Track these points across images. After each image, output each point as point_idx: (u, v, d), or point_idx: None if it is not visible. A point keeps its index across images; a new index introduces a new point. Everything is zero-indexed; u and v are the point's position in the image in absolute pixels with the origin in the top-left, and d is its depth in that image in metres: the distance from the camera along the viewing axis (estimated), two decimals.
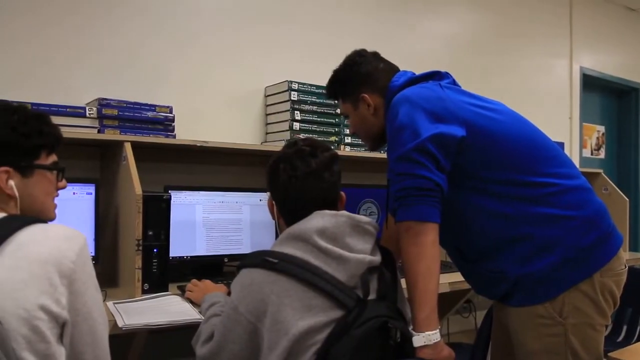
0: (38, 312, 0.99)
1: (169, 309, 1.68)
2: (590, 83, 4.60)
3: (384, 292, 1.29)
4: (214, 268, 2.23)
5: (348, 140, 2.63)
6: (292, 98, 2.49)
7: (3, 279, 0.97)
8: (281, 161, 1.36)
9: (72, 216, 1.82)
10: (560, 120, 4.34)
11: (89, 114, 2.01)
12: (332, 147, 1.43)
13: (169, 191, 2.03)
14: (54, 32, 2.19)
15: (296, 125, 2.49)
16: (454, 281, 2.11)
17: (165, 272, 1.89)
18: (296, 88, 2.51)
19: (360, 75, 1.62)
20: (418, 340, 1.28)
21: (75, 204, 1.92)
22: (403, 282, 1.40)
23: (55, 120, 1.86)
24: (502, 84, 3.78)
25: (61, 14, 2.21)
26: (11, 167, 1.12)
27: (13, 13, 2.11)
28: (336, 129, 2.61)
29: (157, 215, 1.87)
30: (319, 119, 2.56)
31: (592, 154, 4.79)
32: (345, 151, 2.59)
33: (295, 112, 2.50)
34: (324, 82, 1.74)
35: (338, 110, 2.57)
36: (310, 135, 2.50)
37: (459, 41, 3.61)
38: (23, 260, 1.00)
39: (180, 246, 2.11)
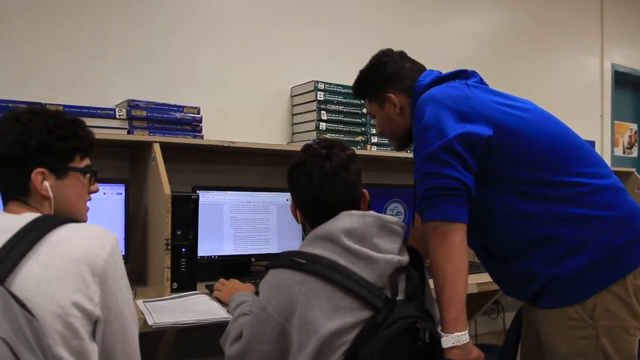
0: (72, 309, 1.01)
1: (197, 307, 1.70)
2: (622, 80, 4.50)
3: (412, 292, 1.28)
4: (241, 267, 2.25)
5: (375, 140, 2.62)
6: (319, 98, 2.50)
7: (38, 277, 1.00)
8: (297, 167, 1.38)
9: (102, 216, 1.85)
10: (591, 118, 4.25)
11: (119, 115, 2.04)
12: (351, 146, 1.43)
13: (197, 191, 2.05)
14: (85, 35, 2.23)
15: (323, 125, 2.49)
16: (482, 282, 2.08)
17: (193, 271, 1.91)
18: (322, 88, 2.51)
19: (386, 75, 1.62)
20: (447, 341, 1.27)
21: (106, 204, 1.96)
22: (431, 282, 1.39)
23: (86, 121, 1.90)
24: (531, 82, 3.72)
25: (91, 18, 2.25)
26: (46, 168, 1.15)
27: (45, 17, 2.16)
28: (363, 129, 2.60)
29: (185, 215, 1.90)
30: (345, 119, 2.56)
31: (624, 152, 4.69)
32: (371, 151, 2.59)
33: (322, 112, 2.50)
34: (350, 81, 1.74)
35: (364, 110, 2.56)
36: (337, 135, 2.50)
37: (487, 39, 3.58)
38: (57, 258, 1.03)
39: (208, 246, 2.14)
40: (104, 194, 1.96)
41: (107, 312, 1.08)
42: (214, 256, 2.18)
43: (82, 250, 1.05)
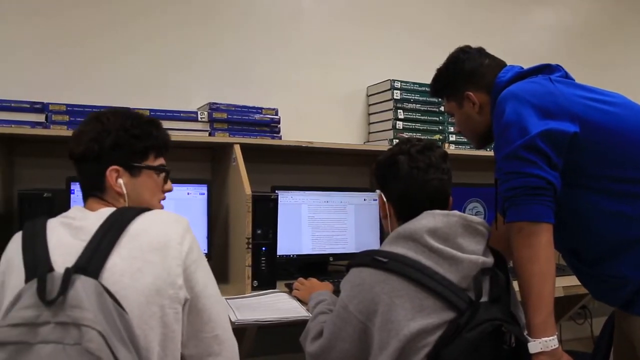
0: (156, 297, 1.05)
1: (277, 305, 1.73)
2: None
3: (496, 294, 1.26)
4: (320, 266, 2.28)
5: (452, 138, 2.58)
6: (395, 97, 2.48)
7: (122, 269, 1.04)
8: (398, 155, 1.38)
9: (186, 215, 1.89)
10: None
11: (201, 117, 2.12)
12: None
13: (276, 191, 2.09)
14: (169, 43, 2.34)
15: (399, 124, 2.47)
16: (569, 285, 2.01)
17: (273, 269, 1.95)
18: (399, 87, 2.49)
19: (465, 72, 1.58)
20: (534, 346, 1.23)
21: (190, 204, 2.04)
22: (515, 284, 1.35)
23: (170, 124, 2.01)
24: (621, 74, 3.50)
25: (173, 26, 2.35)
26: (121, 166, 1.20)
27: (132, 27, 2.28)
28: (440, 127, 2.57)
29: (265, 214, 1.94)
30: (422, 118, 2.53)
31: None
32: (449, 149, 2.54)
33: (398, 111, 2.48)
34: (426, 80, 1.71)
35: (442, 108, 2.53)
36: (414, 134, 2.48)
37: (571, 31, 3.40)
38: (137, 250, 1.07)
39: (286, 245, 2.17)
40: (188, 194, 2.04)
41: (189, 292, 1.11)
42: (293, 255, 2.21)
43: (158, 238, 1.09)
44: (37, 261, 1.03)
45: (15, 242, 1.10)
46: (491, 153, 1.83)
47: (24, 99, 1.91)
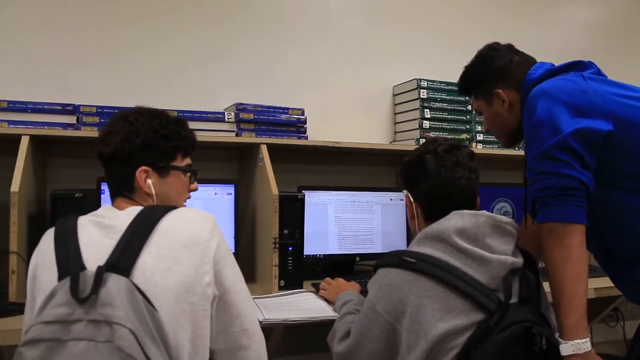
0: (186, 295, 1.06)
1: (304, 305, 1.73)
2: None
3: (526, 295, 1.23)
4: (346, 266, 2.28)
5: (480, 137, 2.56)
6: (422, 96, 2.46)
7: (152, 267, 1.05)
8: (426, 154, 1.37)
9: (214, 215, 1.93)
10: None
11: (228, 118, 2.13)
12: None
13: (303, 191, 2.09)
14: (195, 45, 2.36)
15: (426, 124, 2.45)
16: (600, 287, 1.97)
17: (300, 269, 1.96)
18: (425, 86, 2.47)
19: (494, 70, 1.55)
20: (566, 348, 1.21)
21: (217, 204, 2.05)
22: (545, 285, 1.33)
23: (198, 125, 2.03)
24: None
25: (200, 28, 2.37)
26: (150, 166, 1.20)
27: (158, 28, 2.30)
28: (467, 127, 2.54)
29: (292, 214, 1.95)
30: (449, 117, 2.51)
31: None
32: (477, 149, 2.51)
33: (425, 110, 2.46)
34: (453, 79, 1.69)
35: (469, 107, 2.50)
36: (441, 133, 2.46)
37: (604, 28, 3.33)
38: (166, 248, 1.07)
39: (313, 245, 2.18)
40: (215, 194, 2.05)
41: (219, 288, 1.12)
42: (319, 255, 2.21)
43: (186, 236, 1.10)
44: (69, 259, 1.04)
45: (48, 239, 1.12)
46: (519, 152, 1.80)
47: (53, 100, 1.95)
